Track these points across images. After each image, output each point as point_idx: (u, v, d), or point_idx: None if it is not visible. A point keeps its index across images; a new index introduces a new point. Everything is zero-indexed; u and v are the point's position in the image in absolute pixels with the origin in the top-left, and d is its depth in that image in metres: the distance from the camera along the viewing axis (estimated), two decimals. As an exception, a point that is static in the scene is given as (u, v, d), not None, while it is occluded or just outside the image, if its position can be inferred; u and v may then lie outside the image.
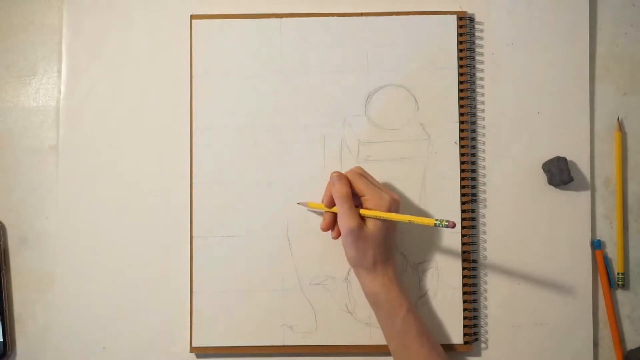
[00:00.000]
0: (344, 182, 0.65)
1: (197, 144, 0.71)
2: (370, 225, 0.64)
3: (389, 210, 0.64)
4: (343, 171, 0.68)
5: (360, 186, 0.65)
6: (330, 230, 0.67)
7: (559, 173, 0.69)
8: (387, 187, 0.68)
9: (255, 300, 0.70)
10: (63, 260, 0.71)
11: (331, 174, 0.67)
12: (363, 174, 0.67)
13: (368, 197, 0.64)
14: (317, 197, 0.69)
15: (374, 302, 0.65)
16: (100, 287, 0.71)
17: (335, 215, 0.66)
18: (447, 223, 0.59)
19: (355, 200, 0.66)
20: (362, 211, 0.65)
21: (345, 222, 0.64)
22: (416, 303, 0.70)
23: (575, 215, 0.71)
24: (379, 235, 0.64)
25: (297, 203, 0.70)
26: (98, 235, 0.71)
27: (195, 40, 0.71)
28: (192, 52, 0.71)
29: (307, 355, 0.70)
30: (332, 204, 0.66)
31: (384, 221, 0.64)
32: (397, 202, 0.65)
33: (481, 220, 0.71)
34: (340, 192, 0.65)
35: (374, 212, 0.64)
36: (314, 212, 0.70)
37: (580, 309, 0.70)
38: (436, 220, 0.60)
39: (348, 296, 0.70)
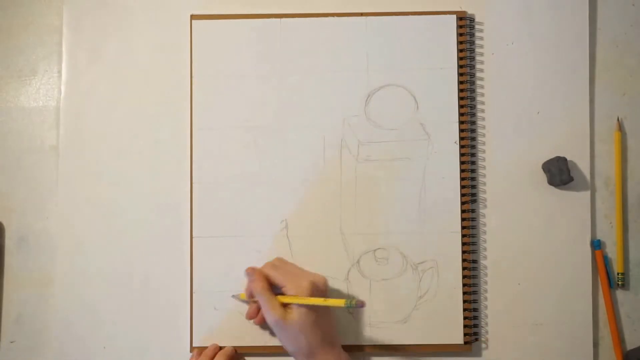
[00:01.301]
0: (259, 277, 0.66)
1: (197, 144, 0.71)
2: (295, 311, 0.63)
3: (311, 295, 0.64)
4: (342, 171, 0.69)
5: (277, 278, 0.66)
6: (254, 318, 0.69)
7: (559, 173, 0.70)
8: (311, 273, 0.68)
9: (255, 300, 0.71)
10: (63, 260, 0.71)
11: (245, 271, 0.68)
12: (279, 265, 0.68)
13: (288, 287, 0.65)
14: (318, 196, 0.70)
15: None
16: (101, 287, 0.71)
17: (257, 302, 0.67)
18: (356, 303, 0.60)
19: (277, 292, 0.66)
20: (280, 298, 0.65)
21: (268, 314, 0.64)
22: (416, 304, 0.70)
23: (575, 215, 0.71)
24: (307, 320, 0.63)
25: (232, 296, 0.70)
26: (98, 235, 0.72)
27: (195, 40, 0.72)
28: (192, 52, 0.72)
29: (307, 355, 0.71)
30: (252, 295, 0.67)
31: (310, 307, 0.64)
32: (319, 285, 0.65)
33: (481, 220, 0.71)
34: (256, 286, 0.66)
35: (292, 298, 0.64)
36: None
37: (580, 309, 0.71)
38: (346, 300, 0.60)
39: (347, 296, 0.70)
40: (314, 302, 0.63)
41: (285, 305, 0.64)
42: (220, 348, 0.70)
